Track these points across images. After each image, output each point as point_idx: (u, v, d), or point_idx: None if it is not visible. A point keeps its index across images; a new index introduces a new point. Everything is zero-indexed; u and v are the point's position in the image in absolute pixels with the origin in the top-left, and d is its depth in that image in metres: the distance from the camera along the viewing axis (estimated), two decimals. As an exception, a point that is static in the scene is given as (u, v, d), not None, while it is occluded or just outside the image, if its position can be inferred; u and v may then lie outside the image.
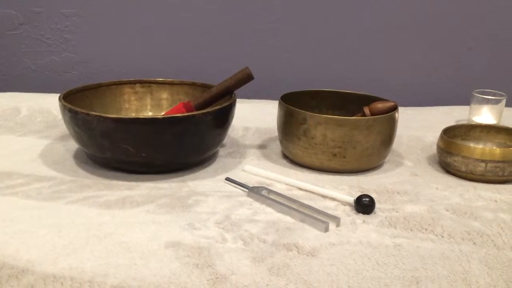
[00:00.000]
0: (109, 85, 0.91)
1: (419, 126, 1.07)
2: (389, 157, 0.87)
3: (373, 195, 0.70)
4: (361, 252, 0.55)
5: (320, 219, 0.60)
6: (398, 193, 0.72)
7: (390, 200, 0.69)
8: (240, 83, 0.83)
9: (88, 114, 0.67)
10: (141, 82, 0.94)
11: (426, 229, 0.60)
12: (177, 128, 0.69)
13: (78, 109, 0.68)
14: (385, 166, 0.83)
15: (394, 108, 0.82)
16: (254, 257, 0.53)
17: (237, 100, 1.18)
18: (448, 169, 0.83)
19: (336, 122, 0.75)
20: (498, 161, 0.76)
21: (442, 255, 0.55)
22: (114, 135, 0.67)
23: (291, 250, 0.54)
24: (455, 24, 1.26)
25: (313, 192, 0.70)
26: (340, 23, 1.25)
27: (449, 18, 1.25)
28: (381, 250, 0.56)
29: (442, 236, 0.59)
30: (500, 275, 0.52)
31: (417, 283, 0.50)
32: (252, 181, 0.74)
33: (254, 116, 1.07)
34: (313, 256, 0.53)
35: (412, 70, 1.30)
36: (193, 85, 0.93)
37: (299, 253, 0.54)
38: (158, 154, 0.70)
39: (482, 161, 0.77)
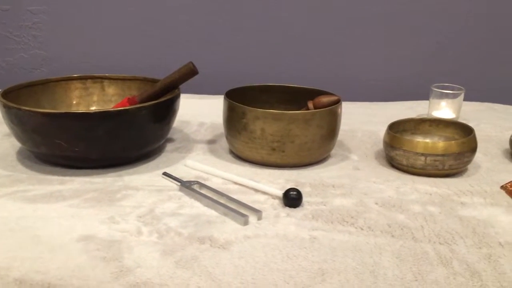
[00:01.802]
0: (58, 80, 0.91)
1: (378, 121, 1.07)
2: (336, 151, 0.88)
3: (307, 189, 0.71)
4: (274, 245, 0.55)
5: (241, 212, 0.60)
6: (333, 186, 0.72)
7: (323, 193, 0.69)
8: (184, 78, 0.83)
9: (19, 109, 0.68)
10: (93, 78, 0.94)
11: (347, 222, 0.60)
12: (110, 123, 0.69)
13: (10, 104, 0.69)
14: (330, 160, 0.84)
15: (337, 102, 0.82)
16: (164, 250, 0.53)
17: (196, 95, 1.19)
18: (392, 163, 0.82)
19: (273, 117, 0.75)
20: (438, 155, 0.76)
21: (354, 248, 0.55)
22: (46, 130, 0.68)
23: (204, 243, 0.54)
24: (422, 19, 1.25)
25: (246, 186, 0.70)
26: (312, 19, 1.25)
27: (417, 13, 1.25)
28: (295, 243, 0.56)
29: (362, 229, 0.59)
30: (410, 267, 0.52)
31: (322, 275, 0.50)
32: (190, 176, 0.74)
33: (211, 112, 1.07)
34: (224, 249, 0.54)
35: (385, 65, 1.30)
36: (144, 80, 0.93)
37: (211, 246, 0.54)
38: (92, 149, 0.70)
39: (422, 154, 0.77)
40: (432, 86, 1.09)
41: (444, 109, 1.09)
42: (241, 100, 0.85)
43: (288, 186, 0.71)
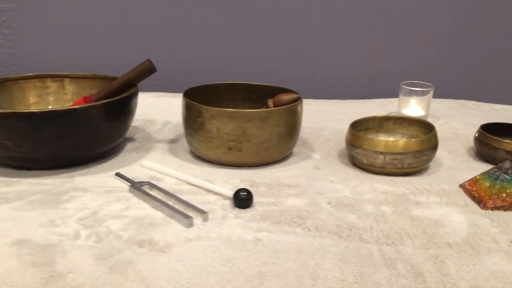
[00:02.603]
0: (16, 79, 0.89)
1: (347, 119, 1.04)
2: (299, 149, 0.86)
3: (261, 189, 0.70)
4: (215, 247, 0.54)
5: (186, 214, 0.59)
6: (289, 186, 0.70)
7: (276, 193, 0.68)
8: (142, 76, 0.81)
9: (-37, 109, 0.66)
10: (53, 77, 0.92)
11: (295, 223, 0.59)
12: (57, 122, 0.67)
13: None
14: (290, 159, 0.82)
15: (297, 100, 0.81)
16: (99, 254, 0.51)
17: (164, 94, 1.17)
18: (354, 162, 0.81)
19: (229, 115, 0.74)
20: (397, 153, 0.75)
21: (298, 249, 0.54)
22: (-9, 130, 0.66)
23: (142, 246, 0.53)
24: (397, 16, 1.24)
25: (199, 187, 0.69)
26: (283, 17, 1.23)
27: (392, 10, 1.24)
28: (237, 245, 0.54)
29: (309, 230, 0.58)
30: (352, 269, 0.51)
31: (261, 278, 0.49)
32: (144, 176, 0.72)
33: (178, 111, 1.05)
34: (163, 252, 0.52)
35: (359, 63, 1.29)
36: (105, 79, 0.91)
37: (150, 249, 0.53)
38: (39, 150, 0.68)
39: (381, 153, 0.75)
40: (402, 84, 1.08)
41: (413, 107, 1.08)
42: (204, 99, 0.83)
43: (243, 186, 0.70)
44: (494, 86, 1.29)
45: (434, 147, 0.78)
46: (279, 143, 0.77)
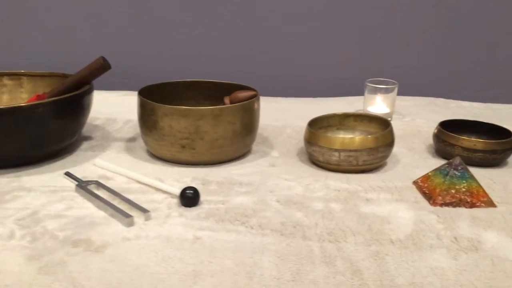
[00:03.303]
0: (-30, 78, 0.88)
1: (313, 117, 1.06)
2: (258, 147, 0.86)
3: (212, 187, 0.69)
4: (152, 246, 0.53)
5: (127, 213, 0.57)
6: (241, 184, 0.70)
7: (226, 192, 0.67)
8: (95, 73, 0.80)
9: None
10: (10, 75, 0.91)
11: (239, 221, 0.58)
12: (3, 121, 0.65)
13: None
14: (248, 157, 0.81)
15: (253, 97, 0.80)
16: (31, 255, 0.50)
17: (131, 92, 1.15)
18: (311, 159, 0.81)
19: (181, 113, 0.73)
20: (351, 150, 0.74)
21: (237, 248, 0.53)
22: None
23: (77, 246, 0.52)
24: (365, 15, 1.24)
25: (148, 185, 0.68)
26: (251, 16, 1.22)
27: (361, 7, 1.24)
28: (175, 244, 0.53)
29: (252, 228, 0.57)
30: (290, 267, 0.50)
31: (194, 277, 0.48)
32: (94, 175, 0.71)
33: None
34: (97, 252, 0.51)
35: (331, 61, 1.28)
36: (63, 76, 0.90)
37: (84, 249, 0.51)
38: (-17, 149, 0.67)
39: (336, 150, 0.75)
40: (366, 81, 1.08)
41: (378, 104, 1.08)
42: (163, 97, 0.82)
43: (194, 185, 0.69)
44: (463, 83, 1.30)
45: (390, 144, 0.78)
46: (234, 141, 0.77)
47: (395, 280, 0.50)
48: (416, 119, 1.07)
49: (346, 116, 0.88)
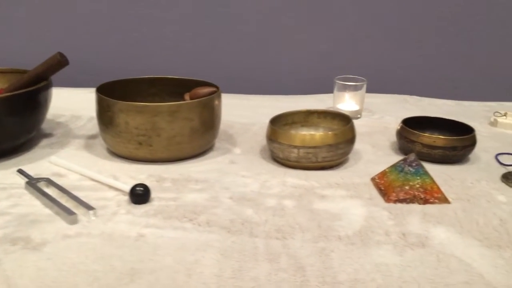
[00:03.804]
0: None
1: (282, 114, 1.06)
2: (221, 144, 0.85)
3: (166, 184, 0.68)
4: (92, 244, 0.52)
5: (72, 211, 0.56)
6: (197, 181, 0.69)
7: (180, 189, 0.66)
8: (52, 69, 0.78)
9: None
10: (-31, 71, 0.90)
11: (187, 218, 0.58)
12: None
13: None
14: (210, 154, 0.80)
15: (212, 93, 0.79)
16: (-35, 253, 0.49)
17: (94, 89, 1.13)
18: (273, 156, 0.80)
19: (136, 109, 0.71)
20: (310, 147, 0.74)
21: (180, 245, 0.52)
22: None
23: (15, 244, 0.51)
24: (340, 10, 1.24)
25: (101, 183, 0.67)
26: (222, 12, 1.21)
27: (338, 4, 1.24)
28: (116, 242, 0.52)
29: (199, 225, 0.56)
30: (232, 264, 0.50)
31: (132, 275, 0.47)
32: (48, 172, 0.70)
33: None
34: (35, 250, 0.50)
35: (305, 59, 1.28)
36: (24, 73, 0.89)
37: (22, 247, 0.50)
38: None
39: (295, 147, 0.74)
40: (335, 78, 1.08)
41: (348, 101, 1.08)
42: (125, 94, 0.81)
43: (149, 182, 0.68)
44: (438, 81, 1.31)
45: (350, 140, 0.77)
46: (193, 138, 0.76)
47: (338, 277, 0.49)
48: (385, 117, 1.06)
49: (310, 113, 0.88)
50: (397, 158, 0.82)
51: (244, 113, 1.04)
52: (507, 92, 1.28)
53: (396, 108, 1.12)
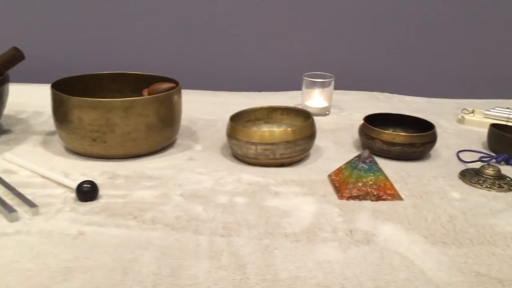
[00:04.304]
0: None
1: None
2: (184, 141, 0.84)
3: (119, 181, 0.66)
4: (29, 242, 0.51)
5: (13, 208, 0.55)
6: (150, 178, 0.68)
7: (132, 186, 0.65)
8: (8, 64, 0.77)
9: None
10: None
11: (132, 215, 0.56)
12: None
13: None
14: (169, 150, 0.79)
15: (170, 89, 0.78)
16: None
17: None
18: (233, 153, 0.80)
19: (90, 105, 0.70)
20: (267, 144, 0.73)
21: (120, 243, 0.51)
22: None
23: (-49, 242, 0.50)
24: (316, 8, 1.23)
25: (50, 179, 0.65)
26: (191, 9, 1.20)
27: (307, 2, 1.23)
28: (55, 240, 0.51)
29: (144, 223, 0.55)
30: (171, 262, 0.48)
31: (65, 274, 0.46)
32: (-1, 169, 0.69)
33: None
34: (-31, 248, 0.49)
35: (278, 56, 1.27)
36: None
37: (-45, 245, 0.50)
38: None
39: (253, 143, 0.73)
40: (304, 75, 1.07)
41: (316, 98, 1.07)
42: (85, 90, 0.80)
43: (101, 179, 0.67)
44: (411, 78, 1.31)
45: (309, 137, 0.76)
46: (149, 134, 0.74)
47: (278, 274, 0.49)
48: (354, 114, 1.06)
49: (273, 110, 0.87)
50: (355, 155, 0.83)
51: (212, 110, 1.03)
52: (480, 89, 1.29)
53: (365, 105, 1.12)
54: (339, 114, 1.06)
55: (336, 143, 0.86)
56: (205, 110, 1.02)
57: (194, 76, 1.28)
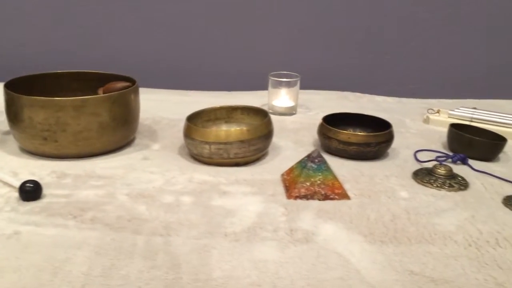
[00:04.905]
0: None
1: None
2: (142, 140, 0.83)
3: (66, 181, 0.66)
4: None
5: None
6: (100, 177, 0.67)
7: (79, 185, 0.64)
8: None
9: None
10: None
11: (72, 215, 0.56)
12: None
13: None
14: (126, 149, 0.79)
15: (125, 88, 0.78)
16: None
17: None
18: (190, 153, 0.79)
19: (40, 104, 0.69)
20: (221, 143, 0.73)
21: (55, 243, 0.51)
22: None
23: None
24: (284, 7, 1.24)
25: (-4, 179, 0.65)
26: (159, 9, 1.19)
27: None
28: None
29: (82, 222, 0.55)
30: (103, 262, 0.48)
31: (-8, 275, 0.46)
32: None
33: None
34: None
35: (247, 56, 1.27)
36: None
37: None
38: None
39: (206, 143, 0.73)
40: (270, 75, 1.07)
41: (283, 97, 1.07)
42: (43, 89, 0.79)
43: (50, 178, 0.66)
44: (386, 79, 1.32)
45: (265, 136, 0.76)
46: (102, 134, 0.74)
47: (212, 274, 0.48)
48: (320, 113, 1.05)
49: (233, 109, 0.87)
50: (315, 154, 0.83)
51: (179, 109, 1.02)
52: (452, 89, 1.30)
53: (333, 105, 1.12)
54: (306, 113, 1.06)
55: (297, 142, 0.86)
56: (171, 109, 1.02)
57: (163, 75, 1.28)
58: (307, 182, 0.65)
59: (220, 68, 1.26)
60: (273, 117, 1.03)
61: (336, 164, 0.76)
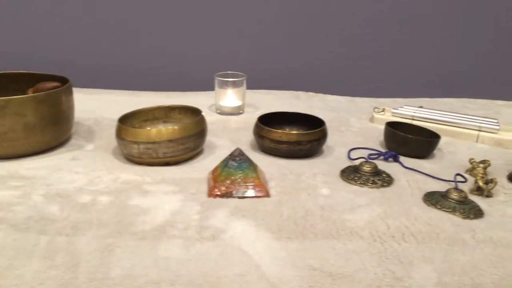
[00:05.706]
0: None
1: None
2: (78, 140, 0.83)
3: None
4: None
5: None
6: (21, 178, 0.66)
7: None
8: None
9: None
10: None
11: (-15, 217, 0.56)
12: None
13: None
14: (58, 150, 0.78)
15: (52, 89, 0.77)
16: None
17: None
18: (122, 153, 0.79)
19: (-40, 104, 0.70)
20: (149, 143, 0.72)
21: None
22: None
23: None
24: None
25: None
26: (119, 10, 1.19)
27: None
28: None
29: (12, 225, 0.55)
30: (7, 260, 0.48)
31: None
32: None
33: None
34: None
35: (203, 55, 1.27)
36: None
37: None
38: None
39: (135, 143, 0.73)
40: (215, 75, 1.08)
41: (230, 97, 1.07)
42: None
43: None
44: (344, 78, 1.33)
45: (194, 135, 0.75)
46: (29, 134, 0.73)
47: (110, 273, 0.48)
48: (267, 113, 1.07)
49: (171, 109, 0.87)
50: (250, 154, 0.83)
51: (123, 110, 1.01)
52: (405, 89, 1.31)
53: (282, 104, 1.12)
54: (253, 113, 1.06)
55: (235, 141, 0.86)
56: (118, 110, 1.00)
57: (116, 76, 1.27)
58: (228, 180, 0.65)
59: (173, 69, 1.26)
60: (219, 117, 1.04)
61: (267, 162, 0.76)
